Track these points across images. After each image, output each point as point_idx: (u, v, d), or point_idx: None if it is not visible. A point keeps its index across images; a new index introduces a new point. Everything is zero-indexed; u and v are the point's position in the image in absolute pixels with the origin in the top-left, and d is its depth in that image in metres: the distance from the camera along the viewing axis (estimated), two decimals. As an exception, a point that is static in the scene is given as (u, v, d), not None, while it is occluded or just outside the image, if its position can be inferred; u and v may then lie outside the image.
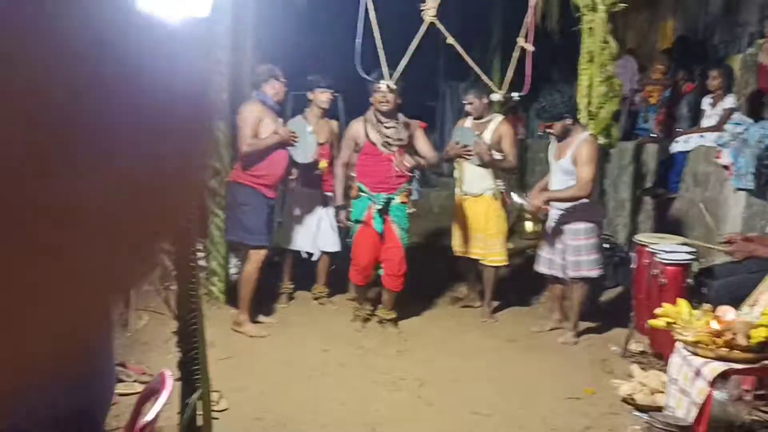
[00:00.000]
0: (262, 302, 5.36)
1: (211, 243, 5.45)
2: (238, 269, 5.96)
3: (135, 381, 3.88)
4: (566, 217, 4.92)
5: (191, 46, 0.45)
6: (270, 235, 5.13)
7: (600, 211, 5.13)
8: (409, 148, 5.07)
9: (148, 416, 1.82)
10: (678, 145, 6.46)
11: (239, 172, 5.01)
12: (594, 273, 4.97)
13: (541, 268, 5.20)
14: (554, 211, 4.99)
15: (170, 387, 1.96)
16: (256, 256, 4.99)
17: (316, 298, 5.78)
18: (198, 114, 0.45)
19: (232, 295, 5.47)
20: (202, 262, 5.08)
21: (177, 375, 2.55)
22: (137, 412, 1.97)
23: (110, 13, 0.39)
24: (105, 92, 0.38)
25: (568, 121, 4.83)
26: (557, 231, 5.00)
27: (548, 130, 4.93)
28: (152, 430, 1.80)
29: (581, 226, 4.89)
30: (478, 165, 5.35)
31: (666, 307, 3.58)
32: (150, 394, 2.01)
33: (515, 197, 5.04)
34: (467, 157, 5.34)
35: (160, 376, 2.02)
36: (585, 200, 4.84)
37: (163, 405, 1.89)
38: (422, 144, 5.12)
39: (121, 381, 3.71)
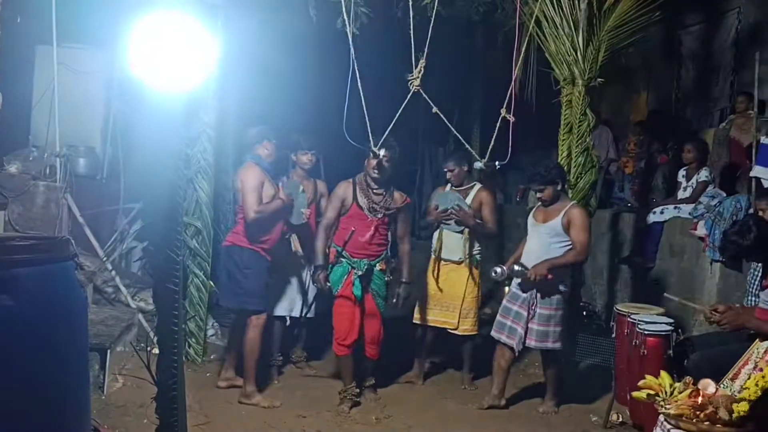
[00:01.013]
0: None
1: (191, 304, 5.39)
2: (216, 331, 5.89)
3: (108, 447, 3.77)
4: (540, 285, 4.87)
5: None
6: (268, 299, 5.03)
7: (570, 281, 5.07)
8: (391, 219, 5.02)
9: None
10: (654, 216, 6.58)
11: (240, 236, 4.92)
12: (557, 345, 4.94)
13: (500, 335, 5.00)
14: (520, 269, 4.90)
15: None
16: (258, 321, 4.88)
17: (294, 363, 5.70)
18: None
19: (210, 357, 5.39)
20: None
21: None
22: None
23: None
24: None
25: (558, 187, 4.92)
26: (527, 298, 4.93)
27: (539, 195, 4.97)
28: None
29: (555, 295, 4.89)
30: (458, 231, 5.40)
31: (648, 379, 3.57)
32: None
33: (516, 267, 4.90)
34: (447, 222, 5.39)
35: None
36: (562, 270, 4.87)
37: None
38: (402, 224, 5.10)
39: (93, 447, 3.60)
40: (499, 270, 4.97)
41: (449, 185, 5.63)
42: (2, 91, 5.21)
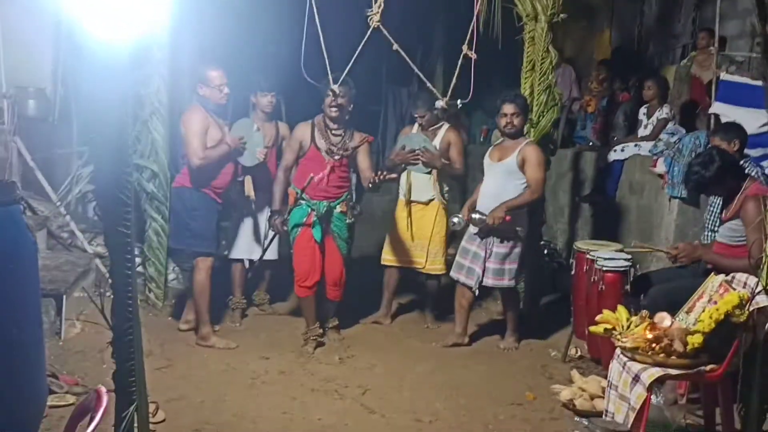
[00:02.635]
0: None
1: (149, 248, 5.31)
2: (177, 275, 5.81)
3: (67, 392, 3.73)
4: (503, 227, 4.85)
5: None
6: (218, 242, 4.96)
7: (526, 220, 5.06)
8: (351, 159, 4.96)
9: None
10: (615, 154, 6.60)
11: (187, 177, 4.81)
12: (512, 283, 5.00)
13: (459, 275, 5.05)
14: (479, 216, 4.91)
15: (105, 405, 1.86)
16: (204, 264, 4.80)
17: (257, 305, 5.68)
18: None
19: (171, 302, 5.35)
20: (138, 268, 4.90)
21: (112, 386, 2.45)
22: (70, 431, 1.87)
23: None
24: None
25: (525, 123, 4.91)
26: (483, 237, 4.94)
27: (506, 128, 4.90)
28: (87, 451, 1.70)
29: (510, 233, 4.92)
30: (427, 172, 5.36)
31: (605, 314, 3.63)
32: (83, 412, 1.91)
33: (475, 216, 4.87)
34: (414, 162, 5.33)
35: (94, 393, 1.92)
36: (520, 211, 4.88)
37: (98, 425, 1.79)
38: (363, 158, 4.98)
39: (52, 392, 3.56)
40: (456, 219, 5.04)
41: (416, 126, 5.57)
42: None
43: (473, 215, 4.91)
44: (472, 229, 5.02)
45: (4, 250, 2.63)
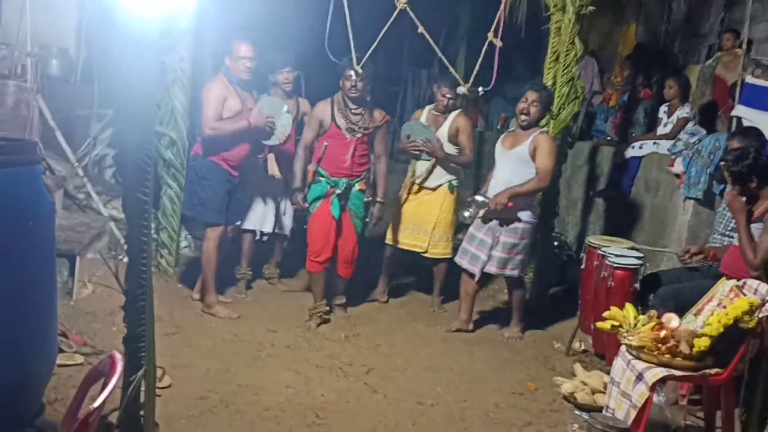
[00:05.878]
0: (217, 281, 5.27)
1: (163, 215, 5.34)
2: (189, 243, 5.86)
3: (76, 352, 3.78)
4: (506, 213, 4.86)
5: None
6: (229, 214, 4.95)
7: (535, 209, 5.08)
8: (370, 138, 5.00)
9: (96, 402, 1.74)
10: (633, 150, 6.57)
11: (201, 146, 4.86)
12: (515, 273, 4.98)
13: (463, 261, 5.06)
14: (482, 199, 4.87)
15: (120, 372, 1.88)
16: (213, 234, 4.86)
17: (266, 279, 5.73)
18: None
19: (182, 269, 5.38)
20: (152, 235, 4.93)
21: (122, 349, 2.48)
22: (82, 395, 1.90)
23: None
24: None
25: (542, 117, 4.87)
26: (492, 225, 4.92)
27: (521, 114, 4.87)
28: (98, 416, 1.73)
29: (520, 225, 4.89)
30: (429, 160, 5.36)
31: (613, 311, 3.64)
32: (96, 376, 1.94)
33: (478, 198, 4.91)
34: (415, 152, 5.34)
35: (108, 359, 1.94)
36: (528, 199, 4.88)
37: (111, 390, 1.81)
38: (379, 141, 5.05)
39: (61, 351, 3.61)
40: (467, 213, 4.96)
41: (426, 109, 5.56)
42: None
43: (476, 197, 4.91)
44: (481, 216, 5.02)
45: (23, 209, 2.66)
